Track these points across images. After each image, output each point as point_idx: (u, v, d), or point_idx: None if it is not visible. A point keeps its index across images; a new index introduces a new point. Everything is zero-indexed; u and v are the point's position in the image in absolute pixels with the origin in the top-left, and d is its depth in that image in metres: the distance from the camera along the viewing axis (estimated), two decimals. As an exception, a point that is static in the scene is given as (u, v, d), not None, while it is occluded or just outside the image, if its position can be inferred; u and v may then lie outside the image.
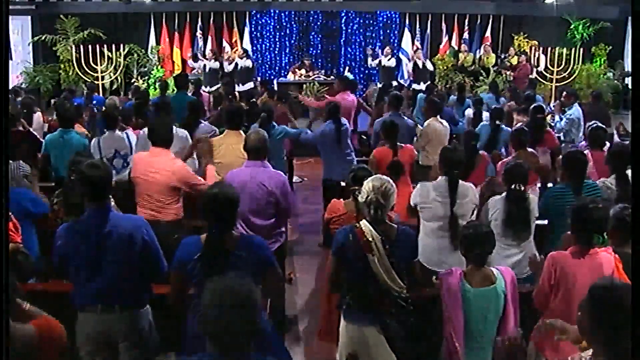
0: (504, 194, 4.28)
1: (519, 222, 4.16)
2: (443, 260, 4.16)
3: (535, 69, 13.75)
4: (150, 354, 3.31)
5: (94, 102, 9.63)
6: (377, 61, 13.55)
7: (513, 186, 4.19)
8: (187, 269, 3.01)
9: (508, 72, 13.36)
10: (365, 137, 7.55)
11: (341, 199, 4.30)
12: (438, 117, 6.93)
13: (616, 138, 8.00)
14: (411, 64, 13.90)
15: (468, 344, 3.17)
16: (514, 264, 4.05)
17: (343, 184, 5.21)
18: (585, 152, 5.60)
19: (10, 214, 3.79)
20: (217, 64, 13.20)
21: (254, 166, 4.37)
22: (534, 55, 14.04)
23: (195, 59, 13.88)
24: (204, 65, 13.26)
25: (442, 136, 6.76)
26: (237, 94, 10.69)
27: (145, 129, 5.80)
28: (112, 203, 3.61)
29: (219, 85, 12.09)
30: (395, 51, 14.18)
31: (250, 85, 12.83)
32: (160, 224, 4.24)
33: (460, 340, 3.15)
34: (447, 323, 3.20)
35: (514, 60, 13.57)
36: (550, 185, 5.10)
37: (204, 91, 11.28)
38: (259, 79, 13.52)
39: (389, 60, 13.34)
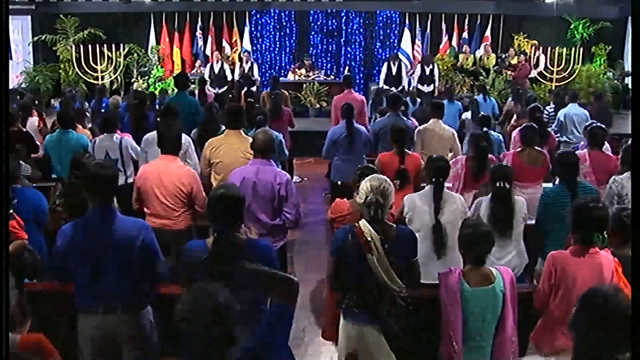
0: (490, 194, 4.31)
1: (503, 220, 4.19)
2: (427, 271, 3.82)
3: (534, 69, 13.78)
4: (151, 355, 3.31)
5: (103, 104, 9.64)
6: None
7: (498, 184, 4.23)
8: (192, 272, 2.99)
9: (508, 72, 13.37)
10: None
11: (345, 199, 4.31)
12: (440, 120, 6.88)
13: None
14: (417, 66, 13.86)
15: (466, 343, 3.17)
16: (502, 264, 4.07)
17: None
18: (584, 151, 5.63)
19: (12, 212, 3.80)
20: (225, 67, 13.33)
21: (260, 164, 4.40)
22: (535, 55, 14.05)
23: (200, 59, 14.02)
24: (211, 66, 13.30)
25: (438, 139, 6.64)
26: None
27: (149, 135, 5.82)
28: (115, 204, 3.61)
29: (225, 88, 12.24)
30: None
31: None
32: (171, 233, 4.30)
33: (458, 339, 3.15)
34: (445, 322, 3.21)
35: (514, 61, 13.59)
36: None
37: (209, 90, 11.35)
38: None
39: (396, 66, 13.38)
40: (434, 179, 4.24)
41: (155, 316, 3.35)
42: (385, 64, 13.37)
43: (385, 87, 12.21)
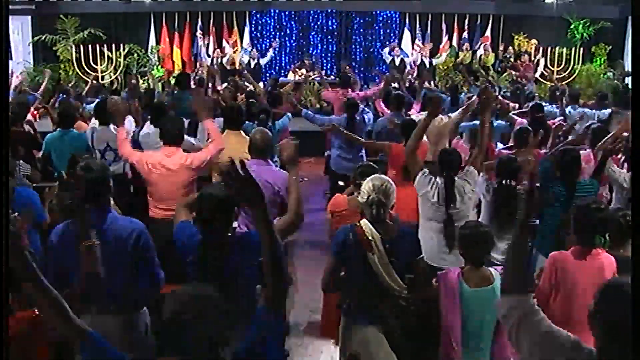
0: (494, 184, 4.29)
1: (506, 217, 4.16)
2: (443, 257, 4.13)
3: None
4: (146, 358, 3.28)
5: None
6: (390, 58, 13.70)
7: (504, 181, 4.20)
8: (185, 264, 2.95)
9: (513, 72, 13.38)
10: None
11: (343, 195, 4.30)
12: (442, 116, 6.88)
13: None
14: (418, 60, 13.93)
15: (465, 344, 3.16)
16: (500, 253, 4.09)
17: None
18: (587, 151, 5.61)
19: (17, 215, 3.78)
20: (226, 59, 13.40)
21: (259, 165, 4.34)
22: (535, 56, 14.07)
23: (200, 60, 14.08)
24: (212, 60, 13.33)
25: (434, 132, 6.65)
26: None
27: (145, 130, 5.84)
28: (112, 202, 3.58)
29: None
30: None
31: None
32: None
33: (457, 340, 3.14)
34: (444, 323, 3.19)
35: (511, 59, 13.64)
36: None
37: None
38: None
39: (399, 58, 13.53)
40: (445, 173, 4.17)
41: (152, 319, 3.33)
42: (390, 57, 13.61)
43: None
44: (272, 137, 5.72)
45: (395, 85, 10.07)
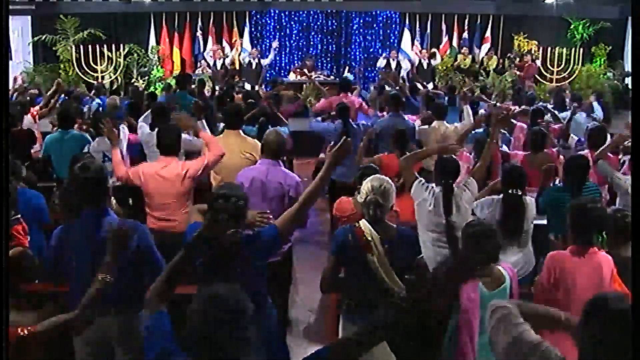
0: (500, 196, 4.25)
1: (513, 226, 4.09)
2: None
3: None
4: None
5: (100, 102, 9.66)
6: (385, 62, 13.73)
7: (510, 190, 4.13)
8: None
9: (515, 72, 13.39)
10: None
11: (349, 198, 4.29)
12: (444, 121, 6.85)
13: None
14: (416, 62, 13.95)
15: (480, 341, 3.13)
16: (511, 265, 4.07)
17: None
18: (586, 152, 5.62)
19: (19, 216, 3.78)
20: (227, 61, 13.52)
21: (270, 165, 4.32)
22: (535, 56, 14.10)
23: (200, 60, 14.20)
24: (214, 64, 13.37)
25: (443, 139, 6.55)
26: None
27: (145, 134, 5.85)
28: (114, 203, 3.58)
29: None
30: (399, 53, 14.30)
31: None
32: (173, 235, 4.19)
33: (474, 340, 3.10)
34: (463, 327, 3.12)
35: (516, 60, 13.65)
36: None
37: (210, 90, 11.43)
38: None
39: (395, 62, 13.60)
40: (442, 181, 4.09)
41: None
42: (385, 60, 13.50)
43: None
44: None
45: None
